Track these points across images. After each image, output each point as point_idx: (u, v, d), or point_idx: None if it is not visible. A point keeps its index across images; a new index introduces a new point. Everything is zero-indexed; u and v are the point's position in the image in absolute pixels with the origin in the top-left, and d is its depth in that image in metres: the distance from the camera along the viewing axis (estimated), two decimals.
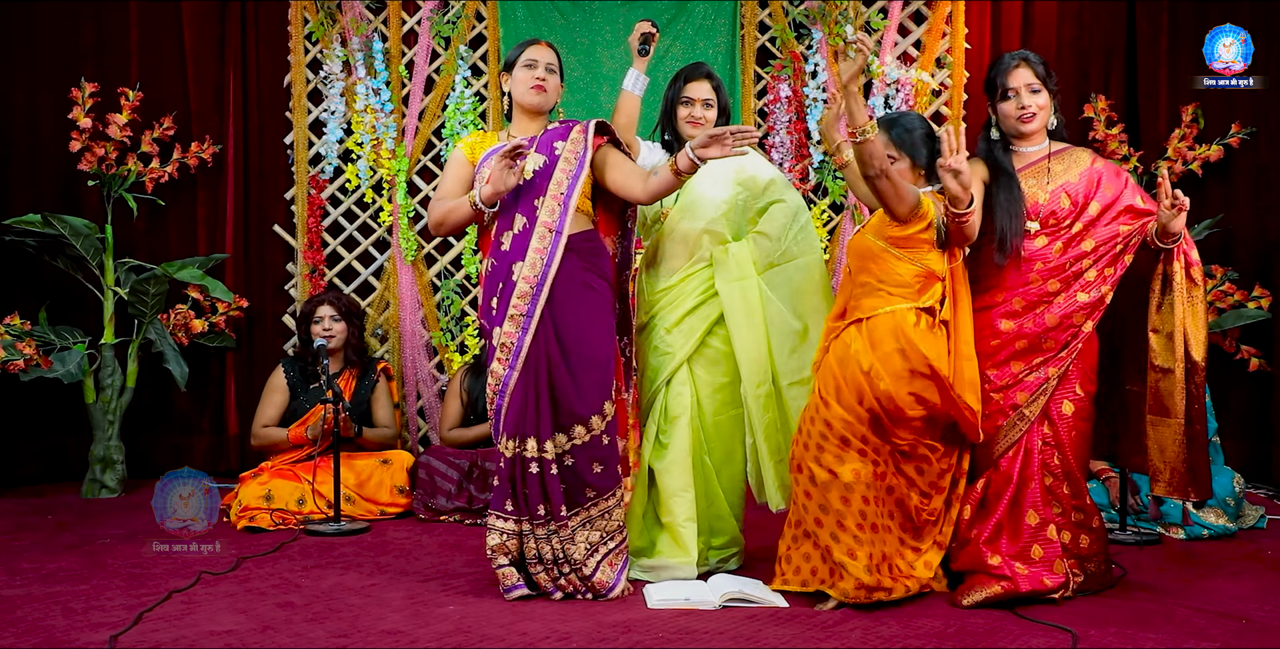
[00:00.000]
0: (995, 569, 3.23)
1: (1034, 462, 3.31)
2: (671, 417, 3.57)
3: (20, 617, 3.14)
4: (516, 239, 3.32)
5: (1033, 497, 3.29)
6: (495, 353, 3.31)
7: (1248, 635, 2.99)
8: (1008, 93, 3.39)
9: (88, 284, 5.22)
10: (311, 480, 4.44)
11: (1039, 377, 3.32)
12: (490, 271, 3.38)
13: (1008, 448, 3.32)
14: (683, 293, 3.60)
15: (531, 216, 3.31)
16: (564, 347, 3.31)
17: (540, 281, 3.27)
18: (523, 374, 3.27)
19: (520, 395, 3.27)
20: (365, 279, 5.59)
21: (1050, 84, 3.40)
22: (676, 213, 3.63)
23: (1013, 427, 3.32)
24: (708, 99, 3.63)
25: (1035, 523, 3.27)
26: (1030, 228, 3.36)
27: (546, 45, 3.50)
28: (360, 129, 5.46)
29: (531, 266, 3.28)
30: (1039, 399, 3.31)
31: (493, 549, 3.30)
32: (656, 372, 3.59)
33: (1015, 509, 3.30)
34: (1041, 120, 3.39)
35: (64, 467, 5.34)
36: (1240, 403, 5.24)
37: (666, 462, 3.55)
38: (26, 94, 5.37)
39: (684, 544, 3.50)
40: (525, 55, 3.46)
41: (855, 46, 3.20)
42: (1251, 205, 5.34)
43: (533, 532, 3.29)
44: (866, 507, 3.19)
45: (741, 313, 3.55)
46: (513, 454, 3.29)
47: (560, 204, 3.31)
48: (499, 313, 3.31)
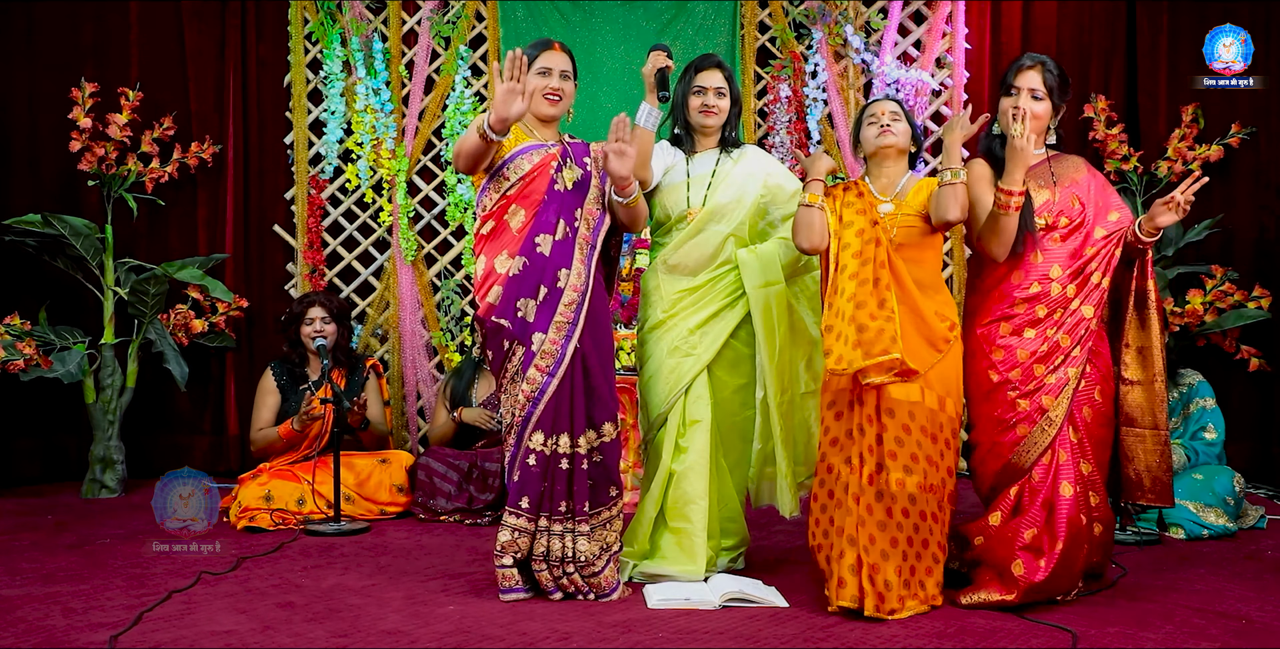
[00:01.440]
0: (1016, 576, 3.17)
1: (1069, 473, 3.25)
2: (692, 421, 3.54)
3: (20, 617, 3.13)
4: (558, 245, 3.31)
5: (1065, 504, 3.22)
6: (533, 359, 3.26)
7: (1248, 635, 2.99)
8: (1011, 89, 3.39)
9: (88, 284, 5.23)
10: (311, 480, 4.44)
11: (1060, 378, 3.30)
12: (522, 272, 3.29)
13: (1039, 455, 3.27)
14: (708, 294, 3.58)
15: (572, 226, 3.33)
16: (598, 348, 3.35)
17: (585, 290, 3.31)
18: (560, 381, 3.27)
19: (555, 400, 3.27)
20: (365, 279, 5.59)
21: (1056, 96, 3.37)
22: (706, 216, 3.58)
23: (1041, 432, 3.28)
24: (720, 88, 3.60)
25: (1063, 549, 3.19)
26: (1039, 223, 3.35)
27: (560, 49, 3.45)
28: (360, 129, 5.46)
29: (579, 276, 3.31)
30: (1063, 402, 3.28)
31: (503, 545, 3.29)
32: (676, 371, 3.55)
33: (1052, 515, 3.22)
34: (1037, 127, 3.35)
35: (64, 467, 5.35)
36: (1240, 403, 5.25)
37: (685, 467, 3.52)
38: (26, 94, 5.37)
39: (694, 552, 3.48)
40: (540, 62, 3.41)
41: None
42: (1251, 205, 5.35)
43: (548, 528, 3.29)
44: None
45: (771, 318, 3.55)
46: (549, 451, 3.29)
47: (596, 220, 3.39)
48: (540, 318, 3.28)
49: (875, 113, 3.43)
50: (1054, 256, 3.33)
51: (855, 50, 5.45)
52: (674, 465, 3.54)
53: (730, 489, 3.63)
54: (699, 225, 3.59)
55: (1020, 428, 3.28)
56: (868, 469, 3.16)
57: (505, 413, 3.35)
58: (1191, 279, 5.24)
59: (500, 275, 3.31)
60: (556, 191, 3.34)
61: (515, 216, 3.34)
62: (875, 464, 3.16)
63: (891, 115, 3.40)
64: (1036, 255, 3.33)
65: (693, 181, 3.60)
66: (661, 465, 3.54)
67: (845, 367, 3.12)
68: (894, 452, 3.15)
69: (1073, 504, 3.21)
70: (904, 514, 3.14)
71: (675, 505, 3.52)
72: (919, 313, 3.25)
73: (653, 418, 3.59)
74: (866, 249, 3.26)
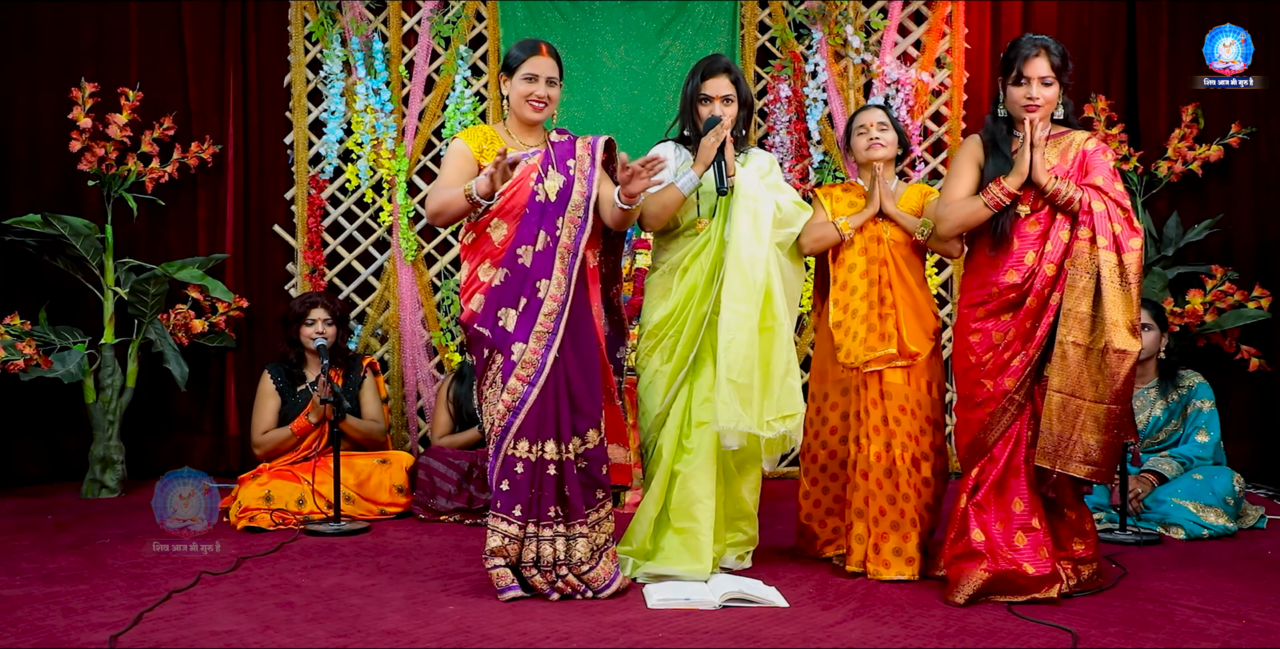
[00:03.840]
0: (976, 545, 3.26)
1: (1022, 451, 3.34)
2: (698, 422, 3.53)
3: (20, 617, 3.13)
4: (539, 256, 3.30)
5: (1019, 485, 3.32)
6: (514, 369, 3.27)
7: (1248, 635, 2.99)
8: (1021, 79, 3.38)
9: (88, 284, 5.22)
10: (311, 481, 4.44)
11: (1023, 359, 3.32)
12: (504, 283, 3.32)
13: (1000, 436, 3.35)
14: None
15: (553, 235, 3.32)
16: (579, 356, 3.35)
17: (564, 300, 3.29)
18: (542, 390, 3.27)
19: (538, 408, 3.28)
20: (365, 279, 5.59)
21: (1064, 77, 3.39)
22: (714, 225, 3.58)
23: (1004, 412, 3.34)
24: (727, 95, 3.56)
25: (1020, 510, 3.31)
26: (1021, 211, 3.36)
27: (547, 53, 3.41)
28: (360, 129, 5.46)
29: (558, 286, 3.29)
30: (1025, 383, 3.32)
31: (492, 551, 3.30)
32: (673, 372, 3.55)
33: (1001, 494, 3.33)
34: (1046, 112, 3.39)
35: (64, 467, 5.35)
36: (1240, 403, 5.25)
37: (692, 467, 3.52)
38: (26, 94, 5.37)
39: (700, 552, 3.47)
40: (526, 67, 3.38)
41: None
42: (1251, 205, 5.35)
43: (537, 534, 3.29)
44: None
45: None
46: (535, 458, 3.29)
47: (577, 226, 3.34)
48: (520, 329, 3.28)
49: (864, 124, 3.76)
50: (1030, 242, 3.35)
51: (855, 50, 5.45)
52: (678, 466, 3.53)
53: (739, 489, 3.64)
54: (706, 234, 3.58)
55: (988, 405, 3.36)
56: (875, 447, 3.56)
57: (485, 420, 3.36)
58: (1191, 279, 5.24)
59: (484, 284, 3.35)
60: (538, 203, 3.33)
61: (498, 230, 3.35)
62: (883, 443, 3.56)
63: (879, 126, 3.74)
64: (1013, 242, 3.36)
65: (701, 192, 3.56)
66: (663, 466, 3.54)
67: (853, 361, 3.62)
68: (894, 431, 3.56)
69: (1027, 484, 3.34)
70: (908, 486, 3.54)
71: (680, 505, 3.52)
72: (916, 305, 3.67)
73: (652, 419, 3.59)
74: (871, 247, 3.68)
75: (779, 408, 3.46)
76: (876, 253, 3.66)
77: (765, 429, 3.44)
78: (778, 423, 3.45)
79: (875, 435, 3.57)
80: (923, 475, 3.58)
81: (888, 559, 3.50)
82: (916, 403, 3.60)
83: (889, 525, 3.52)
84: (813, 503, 3.80)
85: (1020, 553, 3.26)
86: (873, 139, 3.72)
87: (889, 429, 3.57)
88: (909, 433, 3.57)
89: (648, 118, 5.42)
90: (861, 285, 3.65)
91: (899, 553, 3.50)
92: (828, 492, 3.77)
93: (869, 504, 3.55)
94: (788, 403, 3.47)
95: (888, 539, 3.51)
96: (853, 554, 3.56)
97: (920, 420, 3.61)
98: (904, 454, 3.55)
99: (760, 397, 3.44)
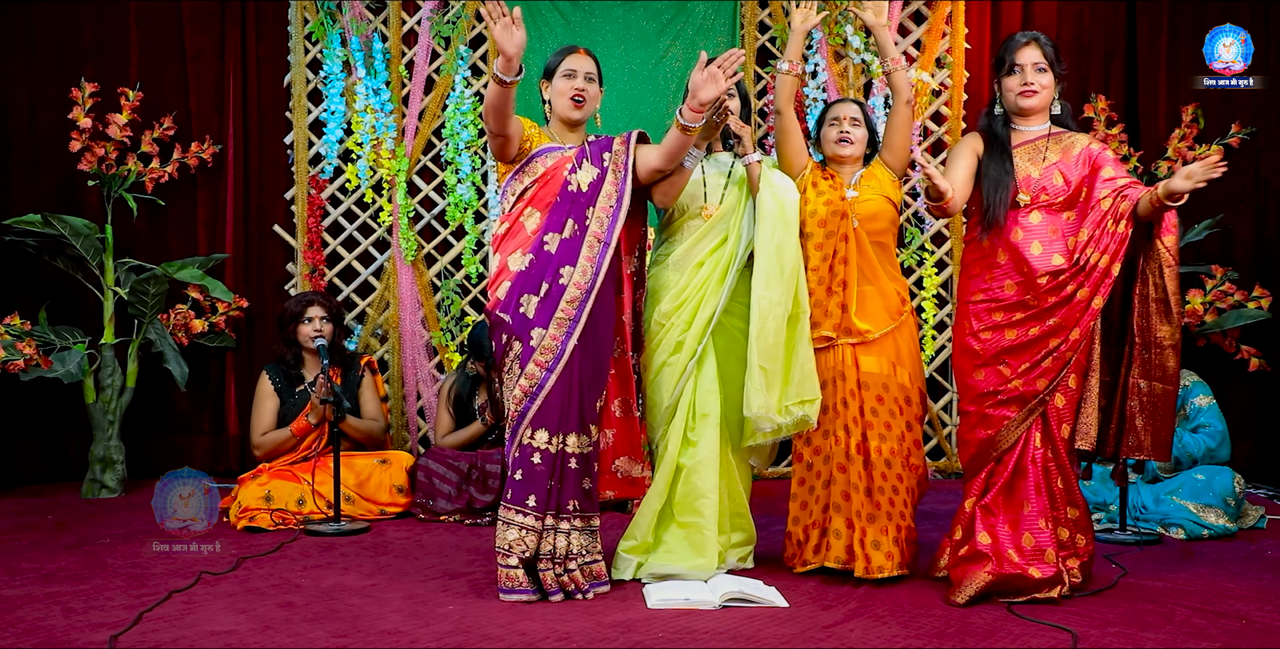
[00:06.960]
0: (982, 548, 3.25)
1: (1030, 452, 3.33)
2: (701, 414, 3.55)
3: (20, 617, 3.14)
4: (565, 243, 3.34)
5: (1027, 486, 3.31)
6: (532, 355, 3.29)
7: (1248, 635, 2.99)
8: (1014, 68, 3.39)
9: (88, 284, 5.22)
10: (311, 481, 4.44)
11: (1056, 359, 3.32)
12: (528, 268, 3.35)
13: (1013, 442, 3.33)
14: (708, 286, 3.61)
15: (582, 225, 3.35)
16: (595, 349, 3.37)
17: (589, 288, 3.31)
18: (561, 376, 3.29)
19: (559, 398, 3.29)
20: (365, 279, 5.59)
21: (1057, 68, 3.40)
22: (721, 214, 3.60)
23: (1032, 413, 3.32)
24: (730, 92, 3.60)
25: (1029, 512, 3.30)
26: (1021, 200, 3.36)
27: (585, 53, 3.49)
28: (360, 129, 5.46)
29: (583, 273, 3.32)
30: (1056, 382, 3.31)
31: (509, 544, 3.29)
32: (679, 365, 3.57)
33: (1011, 496, 3.33)
34: (1043, 99, 3.39)
35: (64, 467, 5.35)
36: (1240, 403, 5.25)
37: (696, 461, 3.53)
38: (27, 94, 5.37)
39: (704, 547, 3.49)
40: (565, 64, 3.45)
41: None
42: (1251, 205, 5.35)
43: (555, 526, 3.32)
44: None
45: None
46: (556, 450, 3.31)
47: (609, 216, 3.37)
48: (541, 314, 3.31)
49: (838, 116, 3.72)
50: (1035, 233, 3.34)
51: (855, 50, 5.45)
52: (683, 459, 3.55)
53: (736, 484, 3.65)
54: (713, 223, 3.61)
55: (1006, 409, 3.33)
56: (854, 439, 3.52)
57: (506, 406, 3.39)
58: (1191, 279, 5.23)
59: (512, 272, 3.38)
60: (570, 192, 3.38)
61: (531, 219, 3.39)
62: (860, 434, 3.52)
63: (852, 121, 3.69)
64: (1016, 232, 3.35)
65: (708, 179, 3.63)
66: (667, 459, 3.55)
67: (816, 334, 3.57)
68: (871, 422, 3.53)
69: (1033, 487, 3.34)
70: (883, 478, 3.49)
71: (685, 500, 3.53)
72: (878, 283, 3.60)
73: (661, 412, 3.59)
74: (832, 221, 3.60)
75: (799, 393, 3.51)
76: (836, 227, 3.59)
77: (783, 415, 3.49)
78: (796, 407, 3.49)
79: (854, 427, 3.53)
80: (901, 469, 3.53)
81: (868, 553, 3.44)
82: (895, 394, 3.55)
83: (867, 519, 3.47)
84: (800, 504, 3.69)
85: (1026, 555, 3.25)
86: (843, 132, 3.66)
87: (866, 421, 3.52)
88: (887, 424, 3.53)
89: (648, 118, 5.42)
90: (814, 257, 3.60)
91: (878, 546, 3.45)
92: (813, 492, 3.66)
93: (848, 498, 3.50)
94: (808, 388, 3.51)
95: (867, 533, 3.46)
96: (832, 550, 3.50)
97: (899, 410, 3.55)
98: (882, 446, 3.50)
99: (781, 383, 3.50)
